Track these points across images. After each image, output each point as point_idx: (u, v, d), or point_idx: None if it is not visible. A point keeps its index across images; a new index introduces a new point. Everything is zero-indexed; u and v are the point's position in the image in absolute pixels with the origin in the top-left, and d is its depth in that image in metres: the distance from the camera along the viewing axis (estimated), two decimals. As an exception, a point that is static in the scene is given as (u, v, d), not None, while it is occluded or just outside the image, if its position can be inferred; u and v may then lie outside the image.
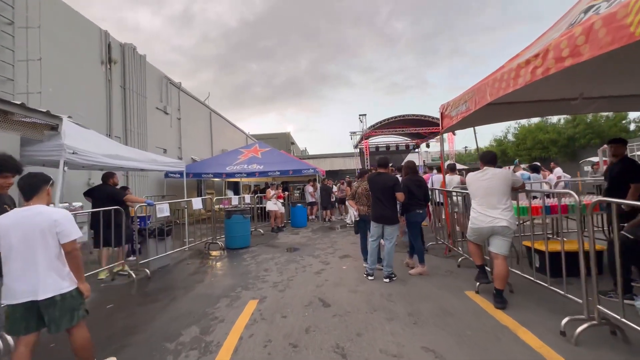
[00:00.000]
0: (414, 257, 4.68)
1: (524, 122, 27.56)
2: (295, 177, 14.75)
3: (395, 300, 3.51)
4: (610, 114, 21.14)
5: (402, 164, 4.66)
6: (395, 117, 22.20)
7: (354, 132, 25.47)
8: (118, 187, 5.30)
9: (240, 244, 6.84)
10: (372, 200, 4.23)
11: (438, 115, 5.50)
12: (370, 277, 4.24)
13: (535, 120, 25.78)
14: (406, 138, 28.96)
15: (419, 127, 23.37)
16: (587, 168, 19.47)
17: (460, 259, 4.68)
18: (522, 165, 9.38)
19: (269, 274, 4.75)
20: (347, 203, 5.07)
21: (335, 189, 12.12)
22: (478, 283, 3.60)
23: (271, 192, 9.31)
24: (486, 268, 3.65)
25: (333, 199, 11.85)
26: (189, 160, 14.30)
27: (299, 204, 10.33)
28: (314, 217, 11.80)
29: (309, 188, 11.79)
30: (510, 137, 29.57)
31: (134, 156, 5.52)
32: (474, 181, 3.41)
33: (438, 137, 26.33)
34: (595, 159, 18.28)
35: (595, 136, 20.02)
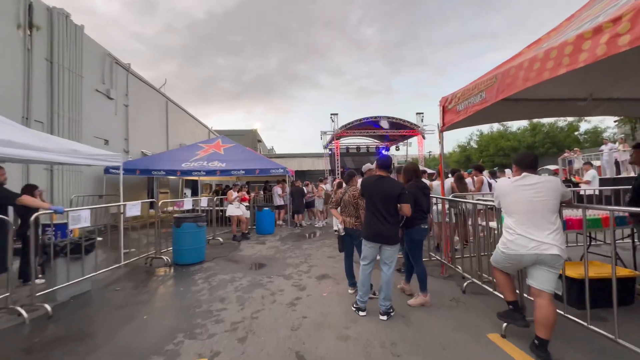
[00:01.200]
0: (413, 281, 3.80)
1: (486, 129, 28.63)
2: (261, 177, 13.48)
3: (403, 353, 2.54)
4: (564, 125, 22.47)
5: (403, 165, 3.74)
6: (367, 118, 21.69)
7: (325, 132, 24.58)
8: (7, 185, 3.78)
9: (192, 259, 5.52)
10: (366, 213, 3.24)
11: (408, 118, 4.73)
12: (361, 313, 3.24)
13: (496, 127, 26.84)
14: (376, 140, 28.73)
15: (390, 130, 23.11)
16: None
17: (465, 284, 3.86)
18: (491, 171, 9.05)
19: (225, 307, 3.56)
20: (330, 211, 4.04)
21: (305, 190, 11.04)
22: (505, 324, 2.76)
23: (233, 193, 8.02)
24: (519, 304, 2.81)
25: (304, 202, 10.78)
26: (138, 154, 12.43)
27: (266, 208, 9.13)
28: (281, 222, 10.65)
29: (278, 190, 10.62)
30: (473, 143, 30.60)
31: (41, 145, 4.02)
32: (511, 192, 2.55)
33: (406, 141, 26.40)
34: (552, 167, 19.15)
35: (553, 145, 21.09)
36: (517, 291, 2.83)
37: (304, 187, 10.87)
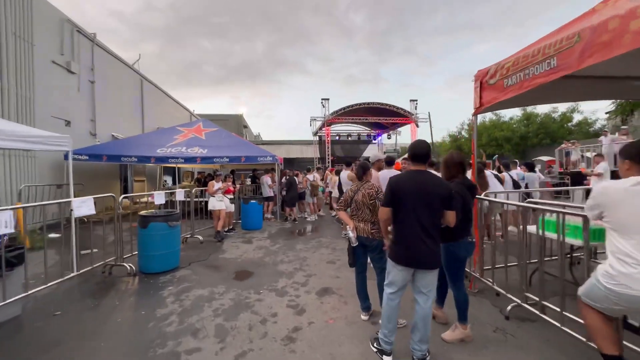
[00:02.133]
0: (447, 308, 2.98)
1: (478, 119, 28.17)
2: (247, 165, 12.37)
3: None
4: (557, 116, 22.16)
5: (444, 156, 2.81)
6: (360, 104, 20.68)
7: (315, 118, 23.40)
8: None
9: (162, 267, 4.52)
10: (398, 225, 2.32)
11: (402, 105, 3.79)
12: (386, 358, 2.38)
13: (489, 117, 26.37)
14: (366, 128, 27.79)
15: (383, 117, 22.23)
16: (537, 167, 20.16)
17: (509, 307, 3.06)
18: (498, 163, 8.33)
19: (199, 346, 2.63)
20: (338, 214, 3.10)
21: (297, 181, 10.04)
22: (596, 383, 1.96)
23: (215, 184, 6.97)
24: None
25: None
26: (107, 137, 11.07)
27: (253, 200, 8.13)
28: (269, 215, 9.69)
29: (267, 179, 9.59)
30: (464, 133, 30.18)
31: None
32: (629, 200, 1.69)
33: (397, 129, 25.62)
34: (545, 158, 18.81)
35: (547, 136, 20.77)
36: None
37: (295, 177, 9.89)
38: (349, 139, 25.83)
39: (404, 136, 25.33)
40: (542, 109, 22.70)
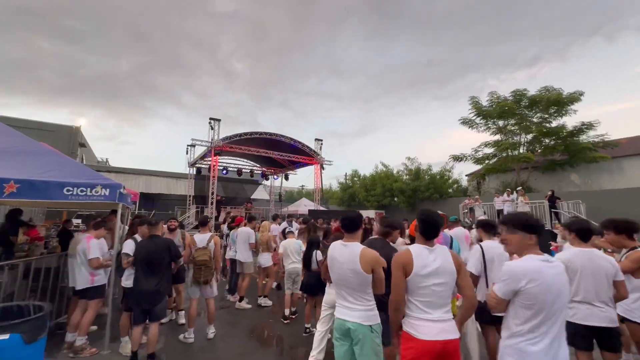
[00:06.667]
0: None
1: (369, 169, 28.53)
2: (29, 204, 5.82)
3: None
4: (437, 173, 24.07)
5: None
6: (260, 133, 16.47)
7: (195, 143, 17.29)
8: None
9: None
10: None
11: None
12: None
13: (380, 167, 26.88)
14: (256, 164, 23.43)
15: (284, 153, 18.58)
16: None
17: None
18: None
19: None
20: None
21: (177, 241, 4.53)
22: None
23: None
24: None
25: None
26: None
27: (2, 336, 2.40)
28: (81, 338, 3.78)
29: (91, 245, 3.79)
30: (353, 181, 30.05)
31: None
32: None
33: (295, 169, 22.56)
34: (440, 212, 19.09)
35: (435, 191, 21.78)
36: None
37: (171, 235, 4.46)
38: (240, 175, 20.80)
39: (291, 179, 22.52)
40: (425, 165, 24.26)
